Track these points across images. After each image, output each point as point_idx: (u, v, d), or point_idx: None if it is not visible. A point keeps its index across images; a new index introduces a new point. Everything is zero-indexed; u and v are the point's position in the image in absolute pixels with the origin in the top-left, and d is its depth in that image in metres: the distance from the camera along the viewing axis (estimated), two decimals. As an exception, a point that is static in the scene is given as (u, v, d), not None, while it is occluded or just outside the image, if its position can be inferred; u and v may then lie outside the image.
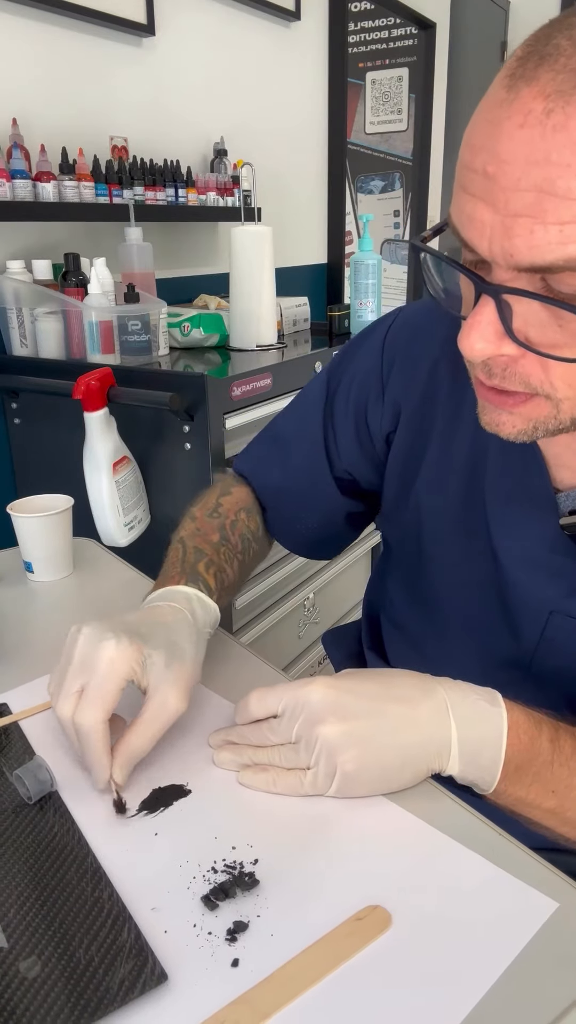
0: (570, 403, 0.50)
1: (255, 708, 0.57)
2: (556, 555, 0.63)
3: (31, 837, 0.53)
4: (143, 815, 0.55)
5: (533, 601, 0.65)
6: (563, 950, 0.44)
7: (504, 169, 0.42)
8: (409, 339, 0.74)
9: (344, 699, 0.54)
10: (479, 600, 0.69)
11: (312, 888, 0.48)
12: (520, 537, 0.65)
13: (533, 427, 0.52)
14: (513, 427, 0.53)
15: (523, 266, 0.44)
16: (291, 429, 0.84)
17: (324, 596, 1.95)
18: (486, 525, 0.67)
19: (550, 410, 0.51)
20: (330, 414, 0.80)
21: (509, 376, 0.50)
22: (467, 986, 0.42)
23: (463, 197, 0.46)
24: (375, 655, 0.86)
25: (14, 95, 1.61)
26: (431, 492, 0.72)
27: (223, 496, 0.83)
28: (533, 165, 0.41)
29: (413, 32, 3.28)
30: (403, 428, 0.74)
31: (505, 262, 0.44)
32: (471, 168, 0.45)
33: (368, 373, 0.76)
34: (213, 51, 2.10)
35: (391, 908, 0.47)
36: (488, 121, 0.44)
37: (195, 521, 0.80)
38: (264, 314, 1.75)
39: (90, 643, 0.57)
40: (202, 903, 0.47)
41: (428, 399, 0.71)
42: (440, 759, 0.54)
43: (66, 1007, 0.41)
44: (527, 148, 0.41)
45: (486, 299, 0.46)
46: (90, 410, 1.39)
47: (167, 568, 0.73)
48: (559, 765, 0.55)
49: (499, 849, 0.51)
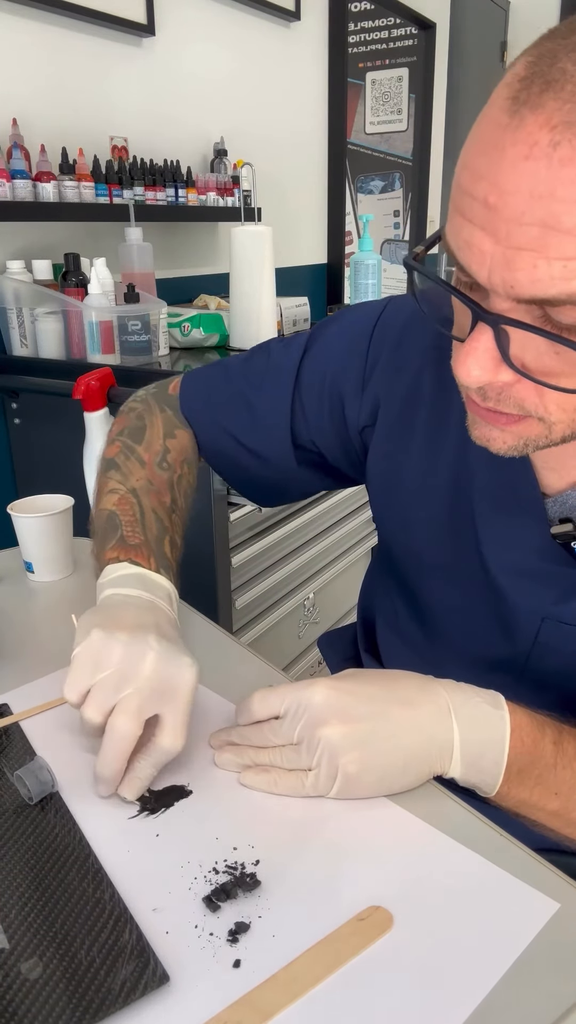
0: (563, 426, 0.50)
1: (257, 709, 0.57)
2: (546, 563, 0.63)
3: (32, 838, 0.53)
4: (144, 816, 0.55)
5: (525, 608, 0.65)
6: (564, 951, 0.44)
7: (507, 200, 0.41)
8: (396, 341, 0.72)
9: (346, 701, 0.54)
10: (470, 605, 0.69)
11: (314, 889, 0.48)
12: (509, 546, 0.65)
13: (524, 444, 0.52)
14: (504, 443, 0.52)
15: (524, 298, 0.43)
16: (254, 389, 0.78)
17: (324, 596, 1.95)
18: (474, 533, 0.67)
19: (542, 431, 0.51)
20: (299, 387, 0.76)
21: (504, 400, 0.49)
22: (468, 987, 0.42)
23: (460, 222, 0.44)
24: (371, 657, 0.86)
25: (14, 95, 1.61)
26: (416, 499, 0.71)
27: (169, 439, 0.78)
28: (538, 199, 0.40)
29: (413, 32, 3.28)
30: (381, 428, 0.72)
31: (506, 293, 0.43)
32: (471, 195, 0.43)
33: (348, 362, 0.74)
34: (213, 51, 2.10)
35: (393, 909, 0.47)
36: (490, 146, 0.42)
37: (144, 468, 0.75)
38: (264, 314, 1.75)
39: (170, 665, 0.56)
40: (203, 904, 0.47)
41: (411, 404, 0.70)
42: (442, 761, 0.54)
43: (67, 1008, 0.41)
44: (532, 181, 0.40)
45: (483, 327, 0.46)
46: (90, 410, 1.39)
47: (123, 526, 0.69)
48: (562, 767, 0.55)
49: (501, 850, 0.51)
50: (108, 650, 0.56)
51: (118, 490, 0.73)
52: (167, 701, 0.55)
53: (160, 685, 0.55)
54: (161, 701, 0.55)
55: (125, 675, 0.55)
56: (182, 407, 0.82)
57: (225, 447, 0.81)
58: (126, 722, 0.53)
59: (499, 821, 0.54)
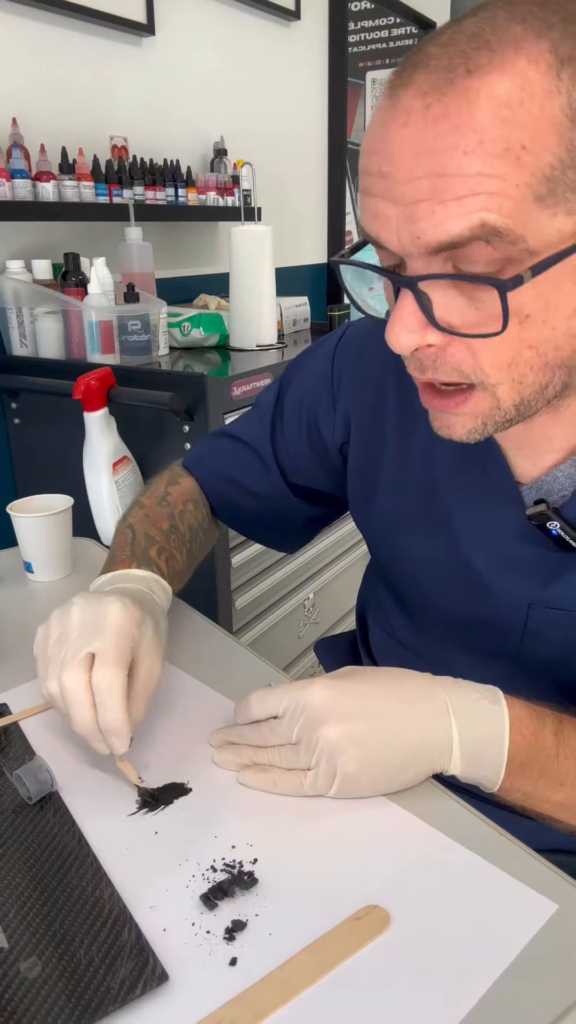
0: (505, 388, 0.51)
1: (255, 709, 0.58)
2: (527, 546, 0.63)
3: (31, 837, 0.53)
4: (144, 813, 0.55)
5: (510, 596, 0.65)
6: (563, 952, 0.44)
7: (397, 164, 0.46)
8: (357, 354, 0.76)
9: (345, 700, 0.54)
10: (457, 600, 0.69)
11: (311, 887, 0.49)
12: (488, 536, 0.65)
13: (482, 423, 0.53)
14: (463, 427, 0.54)
15: (432, 246, 0.46)
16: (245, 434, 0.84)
17: (324, 596, 1.95)
18: (452, 528, 0.68)
19: (490, 401, 0.52)
20: (280, 422, 0.82)
21: (440, 366, 0.51)
22: (465, 987, 0.42)
23: (366, 200, 0.49)
24: (369, 661, 0.86)
25: (14, 95, 1.61)
26: (393, 501, 0.72)
27: (171, 485, 0.84)
28: (422, 156, 0.45)
29: (413, 32, 3.28)
30: (355, 439, 0.75)
31: (415, 248, 0.47)
32: (370, 172, 0.48)
33: (318, 386, 0.78)
34: (213, 51, 2.10)
35: (390, 908, 0.47)
36: (376, 127, 0.48)
37: (143, 508, 0.81)
38: (264, 314, 1.75)
39: (91, 607, 0.58)
40: (201, 902, 0.47)
41: (378, 411, 0.73)
42: (441, 759, 0.54)
43: (67, 1007, 0.41)
44: (414, 143, 0.45)
45: (405, 292, 0.48)
46: (90, 410, 1.39)
47: (115, 552, 0.74)
48: (564, 757, 0.55)
49: (500, 849, 0.51)
50: (47, 631, 0.59)
51: (120, 531, 0.78)
52: (95, 638, 0.56)
53: (89, 628, 0.57)
54: (91, 640, 0.56)
55: (60, 639, 0.57)
56: (184, 462, 0.88)
57: (225, 491, 0.85)
58: (68, 675, 0.55)
59: (500, 820, 0.54)
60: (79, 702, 0.55)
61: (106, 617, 0.57)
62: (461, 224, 0.44)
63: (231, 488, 0.85)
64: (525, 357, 0.49)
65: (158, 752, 0.61)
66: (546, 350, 0.49)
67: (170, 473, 0.87)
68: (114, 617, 0.57)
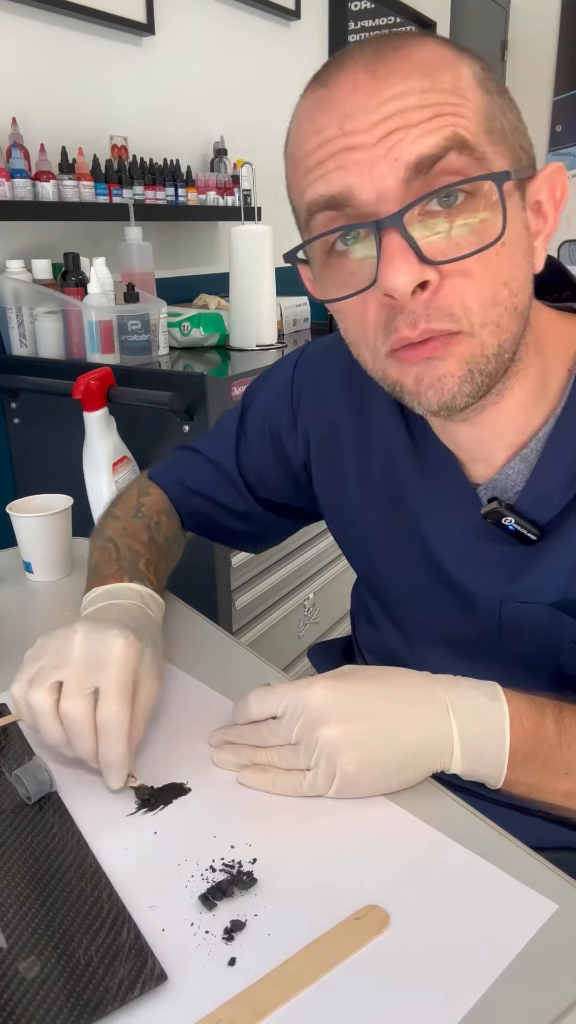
0: (489, 331, 0.52)
1: (254, 709, 0.57)
2: (490, 545, 0.64)
3: (30, 837, 0.53)
4: (143, 813, 0.55)
5: (482, 595, 0.66)
6: (563, 952, 0.44)
7: (358, 118, 0.49)
8: (314, 375, 0.78)
9: (344, 701, 0.54)
10: (434, 604, 0.70)
11: (310, 887, 0.49)
12: (453, 539, 0.67)
13: (469, 371, 0.53)
14: (453, 375, 0.53)
15: (412, 161, 0.48)
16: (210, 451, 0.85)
17: (324, 596, 1.95)
18: (420, 534, 0.69)
19: (475, 345, 0.53)
20: (244, 444, 0.83)
21: (433, 312, 0.51)
22: (464, 987, 0.42)
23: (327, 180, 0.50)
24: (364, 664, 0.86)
25: (14, 94, 1.61)
26: (361, 517, 0.75)
27: (143, 497, 0.84)
28: (383, 103, 0.49)
29: (413, 31, 3.28)
30: (315, 457, 0.78)
31: (393, 175, 0.49)
32: (326, 151, 0.50)
33: (279, 405, 0.80)
34: (213, 50, 2.10)
35: (390, 908, 0.47)
36: (316, 116, 0.51)
37: (120, 521, 0.81)
38: (264, 314, 1.75)
39: (95, 639, 0.57)
40: (200, 902, 0.47)
41: (335, 429, 0.75)
42: (442, 759, 0.54)
43: (65, 1007, 0.41)
44: (369, 97, 0.49)
45: (390, 236, 0.49)
46: (90, 410, 1.39)
47: (100, 566, 0.73)
48: (567, 746, 0.55)
49: (499, 849, 0.51)
50: (45, 648, 0.59)
51: (98, 545, 0.77)
52: (100, 672, 0.56)
53: (92, 660, 0.56)
54: (96, 675, 0.56)
55: (58, 662, 0.57)
56: (150, 475, 0.89)
57: (194, 504, 0.86)
58: (70, 703, 0.55)
59: (500, 817, 0.54)
60: (84, 734, 0.55)
61: (110, 652, 0.57)
62: (436, 136, 0.48)
63: (200, 501, 0.86)
64: (502, 296, 0.52)
65: (158, 752, 0.61)
66: (515, 290, 0.53)
67: (138, 485, 0.87)
68: (118, 653, 0.57)
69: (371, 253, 0.50)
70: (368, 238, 0.51)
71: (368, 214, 0.50)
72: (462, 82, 0.50)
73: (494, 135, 0.51)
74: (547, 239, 0.56)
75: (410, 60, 0.49)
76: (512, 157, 0.52)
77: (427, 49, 0.50)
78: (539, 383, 0.60)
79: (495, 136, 0.51)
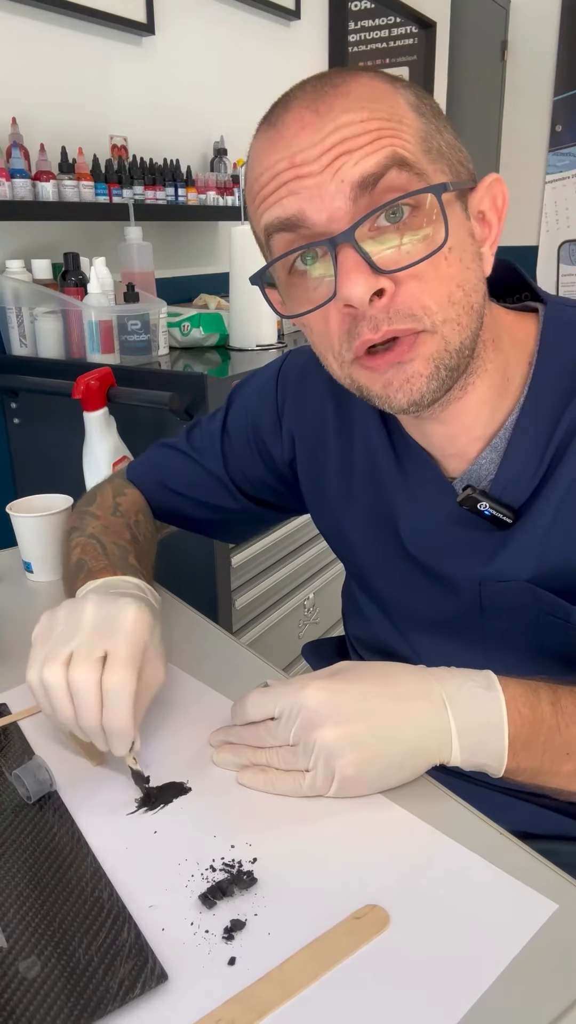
0: (450, 327, 0.56)
1: (251, 711, 0.58)
2: (466, 530, 0.66)
3: (30, 837, 0.53)
4: (143, 812, 0.55)
5: (462, 579, 0.68)
6: (562, 952, 0.44)
7: (306, 153, 0.53)
8: (299, 378, 0.80)
9: (340, 701, 0.54)
10: (417, 591, 0.73)
11: (310, 887, 0.49)
12: (431, 529, 0.69)
13: (435, 367, 0.57)
14: (421, 375, 0.57)
15: (356, 181, 0.52)
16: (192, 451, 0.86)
17: (324, 596, 1.95)
18: (399, 527, 0.72)
19: (439, 342, 0.56)
20: (228, 443, 0.84)
21: (394, 315, 0.54)
22: (463, 987, 0.42)
23: (281, 206, 0.54)
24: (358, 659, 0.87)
25: (14, 94, 1.61)
26: (344, 514, 0.77)
27: (119, 496, 0.84)
28: (327, 136, 0.53)
29: (413, 31, 3.28)
30: (300, 457, 0.80)
31: (340, 195, 0.52)
32: (278, 182, 0.54)
33: (263, 407, 0.82)
34: (213, 50, 2.10)
35: (389, 908, 0.47)
36: (267, 153, 0.55)
37: (98, 519, 0.80)
38: (264, 314, 1.74)
39: (107, 607, 0.58)
40: (199, 901, 0.47)
41: (319, 430, 0.77)
42: (441, 752, 0.54)
43: (66, 1007, 0.41)
44: (315, 133, 0.53)
45: (344, 252, 0.53)
46: (90, 410, 1.39)
47: (88, 561, 0.72)
48: (565, 727, 0.56)
49: (499, 848, 0.51)
50: (53, 622, 0.59)
51: (80, 542, 0.77)
52: (110, 637, 0.56)
53: (103, 626, 0.57)
54: (106, 639, 0.56)
55: (69, 633, 0.57)
56: (128, 475, 0.89)
57: (173, 502, 0.87)
58: (80, 672, 0.55)
59: (497, 806, 0.54)
60: (89, 701, 0.55)
61: (122, 618, 0.57)
62: (376, 157, 0.52)
63: (182, 501, 0.86)
64: (457, 296, 0.56)
65: (158, 752, 0.61)
66: (469, 290, 0.56)
67: (113, 484, 0.87)
68: (131, 619, 0.57)
69: (329, 271, 0.54)
70: (325, 257, 0.55)
71: (322, 233, 0.54)
72: (398, 109, 0.54)
73: (432, 153, 0.55)
74: (494, 245, 0.60)
75: (349, 95, 0.54)
76: (451, 172, 0.56)
77: (363, 83, 0.55)
78: (501, 378, 0.63)
79: (433, 155, 0.55)
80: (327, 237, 0.53)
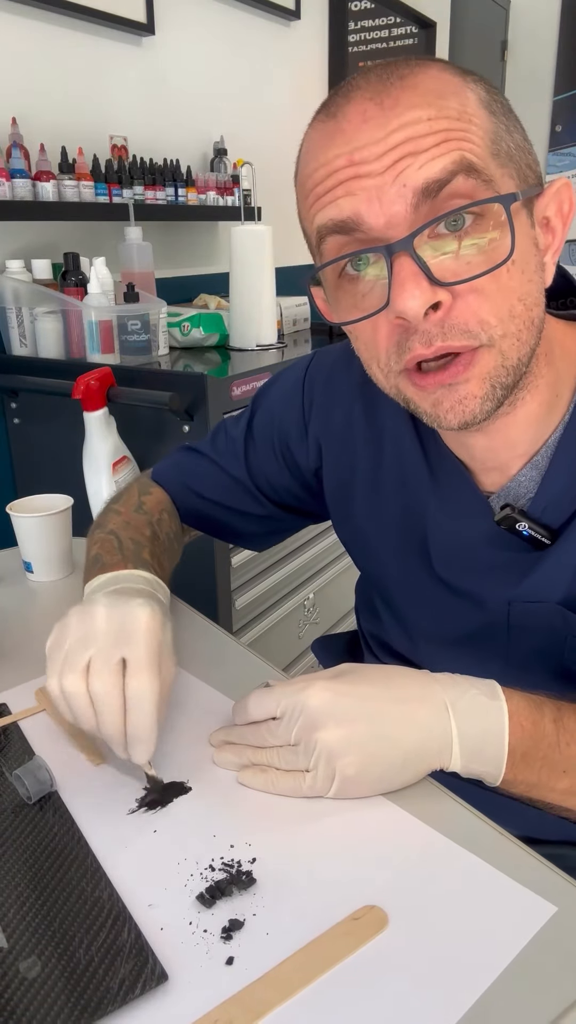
0: (509, 342, 0.53)
1: (253, 711, 0.58)
2: (500, 551, 0.65)
3: (31, 837, 0.53)
4: (143, 811, 0.55)
5: (491, 600, 0.67)
6: (561, 953, 0.44)
7: (368, 149, 0.50)
8: (326, 382, 0.77)
9: (342, 702, 0.54)
10: (441, 608, 0.71)
11: (309, 887, 0.49)
12: (462, 546, 0.67)
13: (491, 387, 0.54)
14: (475, 396, 0.54)
15: (419, 186, 0.49)
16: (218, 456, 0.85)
17: (324, 596, 1.95)
18: (429, 542, 0.70)
19: (496, 359, 0.53)
20: (252, 449, 0.83)
21: (449, 330, 0.52)
22: (461, 989, 0.42)
23: (337, 207, 0.52)
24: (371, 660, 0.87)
25: (14, 94, 1.61)
26: (369, 523, 0.75)
27: (144, 495, 0.84)
28: (391, 133, 0.49)
29: (413, 31, 3.28)
30: (327, 464, 0.78)
31: (401, 201, 0.50)
32: (334, 180, 0.51)
33: (289, 412, 0.80)
34: (213, 50, 2.10)
35: (388, 909, 0.47)
36: (326, 144, 0.52)
37: (121, 515, 0.80)
38: (264, 314, 1.75)
39: (119, 611, 0.57)
40: (198, 901, 0.47)
41: (347, 438, 0.75)
42: (441, 757, 0.54)
43: (66, 1007, 0.41)
44: (378, 128, 0.50)
45: (401, 260, 0.50)
46: (90, 410, 1.39)
47: (103, 556, 0.72)
48: (566, 744, 0.55)
49: (499, 850, 0.51)
50: (66, 630, 0.57)
51: (99, 538, 0.76)
52: (127, 644, 0.55)
53: (118, 632, 0.56)
54: (123, 646, 0.55)
55: (84, 640, 0.56)
56: (153, 476, 0.88)
57: (198, 505, 0.86)
58: (101, 680, 0.54)
59: (503, 812, 0.54)
60: (112, 708, 0.54)
61: (137, 622, 0.56)
62: (443, 162, 0.49)
63: (206, 505, 0.85)
64: (518, 311, 0.53)
65: (158, 752, 0.61)
66: (530, 304, 0.54)
67: (139, 484, 0.86)
68: (145, 622, 0.56)
69: (382, 275, 0.52)
70: (379, 261, 0.52)
71: (378, 239, 0.51)
72: (468, 107, 0.51)
73: (501, 157, 0.52)
74: (556, 253, 0.56)
75: (416, 89, 0.50)
76: (519, 177, 0.53)
77: (432, 76, 0.51)
78: (551, 394, 0.61)
79: (502, 158, 0.52)
80: (383, 243, 0.51)
